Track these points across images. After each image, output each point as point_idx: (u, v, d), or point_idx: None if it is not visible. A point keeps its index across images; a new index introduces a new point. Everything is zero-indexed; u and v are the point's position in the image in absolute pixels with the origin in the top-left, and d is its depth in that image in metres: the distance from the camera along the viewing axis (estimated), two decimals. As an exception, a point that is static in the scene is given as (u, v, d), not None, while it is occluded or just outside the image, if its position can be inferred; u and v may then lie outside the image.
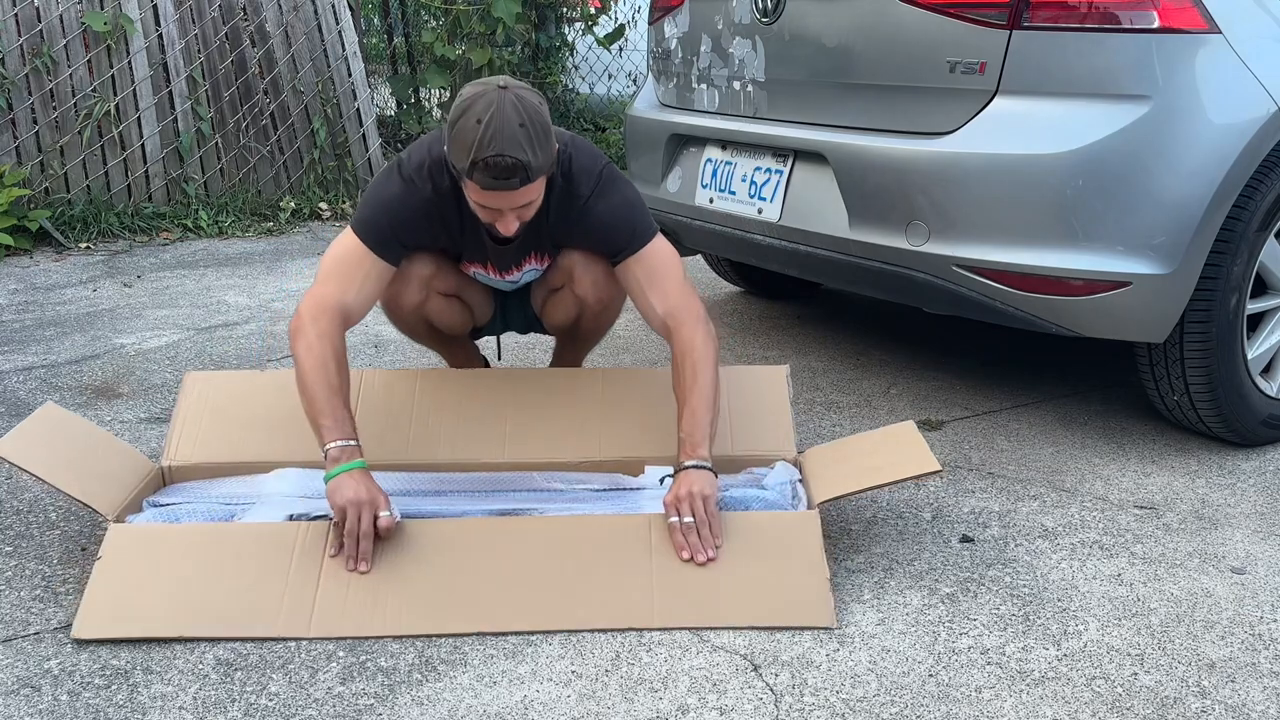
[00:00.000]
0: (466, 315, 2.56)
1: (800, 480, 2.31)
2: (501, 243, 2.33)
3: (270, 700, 1.76)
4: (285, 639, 1.92)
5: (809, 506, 2.21)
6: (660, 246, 2.33)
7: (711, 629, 1.95)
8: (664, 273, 2.31)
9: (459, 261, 2.44)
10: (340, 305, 2.20)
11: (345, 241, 2.26)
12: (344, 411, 2.12)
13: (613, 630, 1.94)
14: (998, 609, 2.01)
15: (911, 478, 2.16)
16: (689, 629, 1.95)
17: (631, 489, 2.31)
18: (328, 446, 2.08)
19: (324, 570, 2.01)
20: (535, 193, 2.12)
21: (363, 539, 2.01)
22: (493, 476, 2.33)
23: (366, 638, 1.93)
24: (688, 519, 2.08)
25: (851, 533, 2.29)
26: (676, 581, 2.02)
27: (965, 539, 2.27)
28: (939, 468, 2.13)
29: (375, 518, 2.02)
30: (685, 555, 2.05)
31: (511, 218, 2.12)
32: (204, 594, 1.97)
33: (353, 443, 2.10)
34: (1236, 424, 2.64)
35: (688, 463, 2.16)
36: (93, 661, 1.86)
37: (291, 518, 2.17)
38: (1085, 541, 2.26)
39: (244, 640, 1.92)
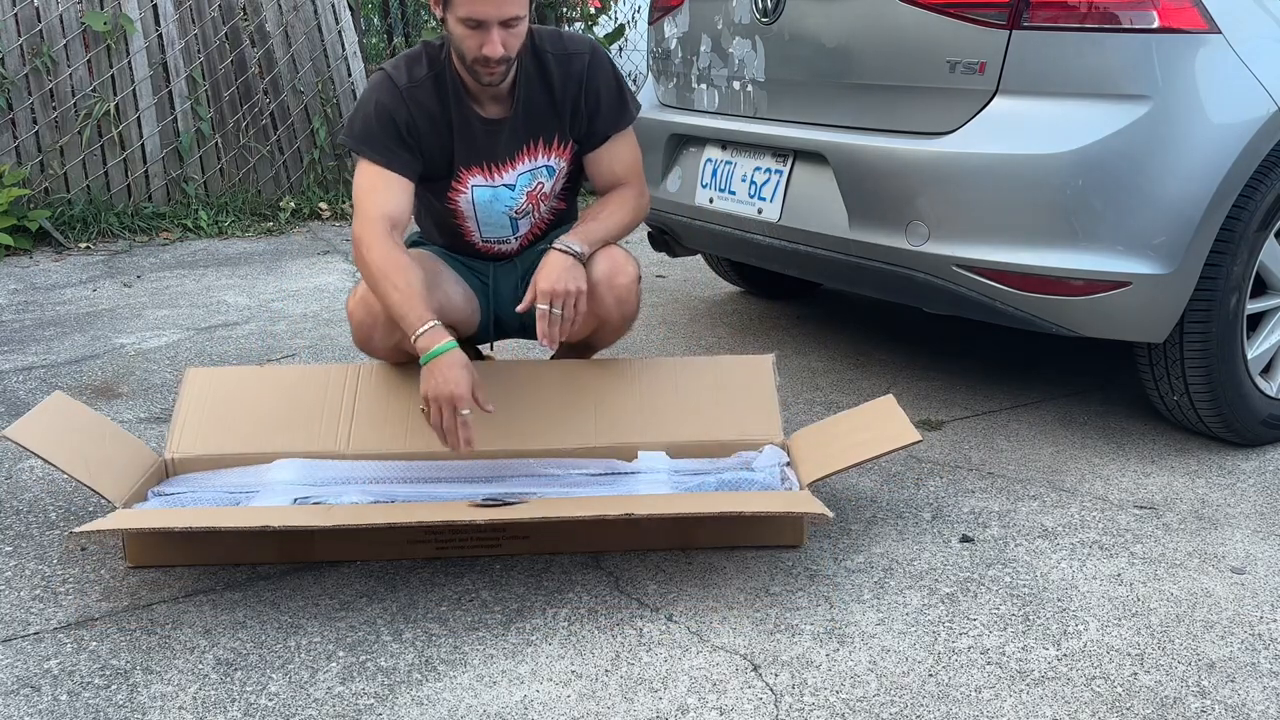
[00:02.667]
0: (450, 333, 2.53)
1: (788, 464, 2.36)
2: (490, 123, 2.37)
3: (270, 700, 1.76)
4: (291, 529, 2.03)
5: (799, 488, 2.26)
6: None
7: (714, 516, 2.08)
8: (636, 153, 2.53)
9: (451, 179, 2.43)
10: (377, 218, 2.29)
11: (360, 170, 2.35)
12: (420, 303, 2.23)
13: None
14: (998, 609, 2.01)
15: (894, 450, 2.23)
16: (696, 515, 2.09)
17: (626, 473, 2.36)
18: (415, 336, 2.20)
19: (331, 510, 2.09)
20: (520, 6, 2.20)
21: (460, 428, 2.15)
22: (491, 464, 2.37)
23: (367, 526, 2.03)
24: (556, 311, 2.29)
25: (851, 533, 2.29)
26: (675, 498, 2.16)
27: (965, 539, 2.27)
28: (919, 438, 2.20)
29: (456, 413, 2.14)
30: (544, 343, 2.31)
31: (497, 38, 2.19)
32: (209, 515, 2.08)
33: (435, 324, 2.21)
34: (1236, 424, 2.63)
35: (573, 244, 2.35)
36: (93, 661, 1.86)
37: (296, 502, 2.22)
38: (1085, 541, 2.26)
39: (245, 530, 2.03)
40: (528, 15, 2.24)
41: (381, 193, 2.31)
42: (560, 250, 2.34)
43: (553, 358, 2.77)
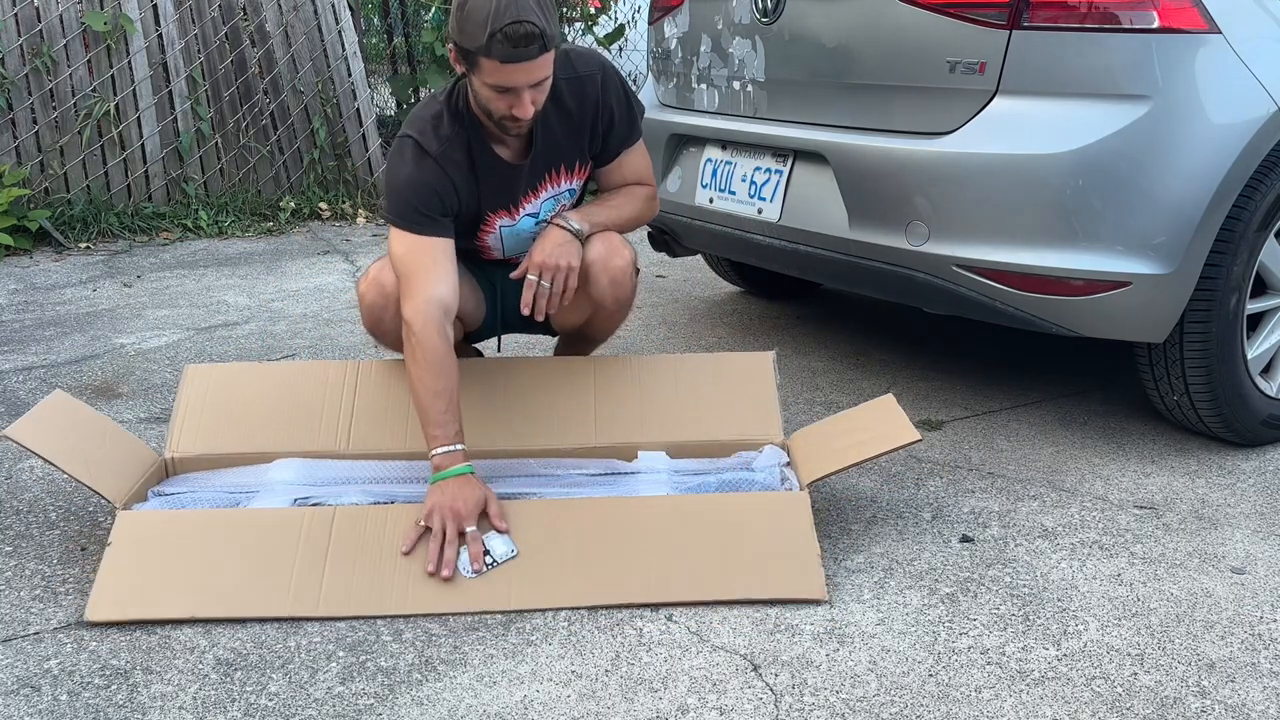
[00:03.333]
0: (455, 326, 2.54)
1: (788, 464, 2.36)
2: (513, 168, 2.34)
3: (270, 700, 1.76)
4: (294, 619, 1.97)
5: (799, 488, 2.25)
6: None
7: (702, 604, 2.01)
8: (647, 161, 2.54)
9: (479, 225, 2.41)
10: (430, 300, 2.22)
11: (397, 240, 2.28)
12: (447, 415, 2.18)
13: (605, 606, 2.00)
14: (998, 609, 2.01)
15: (893, 449, 2.22)
16: (680, 604, 2.01)
17: (626, 473, 2.36)
18: (432, 454, 2.16)
19: (330, 555, 2.06)
20: (548, 68, 2.16)
21: (446, 546, 2.05)
22: (491, 463, 2.36)
23: (373, 617, 1.98)
24: (546, 284, 2.30)
25: (851, 533, 2.29)
26: (666, 560, 2.07)
27: (965, 539, 2.27)
28: (919, 437, 2.20)
29: (461, 532, 2.07)
30: (526, 311, 2.31)
31: (528, 99, 2.16)
32: (213, 578, 2.03)
33: (456, 448, 2.16)
34: (1236, 424, 2.63)
35: (573, 221, 2.36)
36: (93, 661, 1.86)
37: (296, 502, 2.22)
38: (1085, 541, 2.26)
39: (254, 620, 1.96)
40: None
41: (431, 270, 2.24)
42: (560, 225, 2.35)
43: (555, 352, 2.77)
